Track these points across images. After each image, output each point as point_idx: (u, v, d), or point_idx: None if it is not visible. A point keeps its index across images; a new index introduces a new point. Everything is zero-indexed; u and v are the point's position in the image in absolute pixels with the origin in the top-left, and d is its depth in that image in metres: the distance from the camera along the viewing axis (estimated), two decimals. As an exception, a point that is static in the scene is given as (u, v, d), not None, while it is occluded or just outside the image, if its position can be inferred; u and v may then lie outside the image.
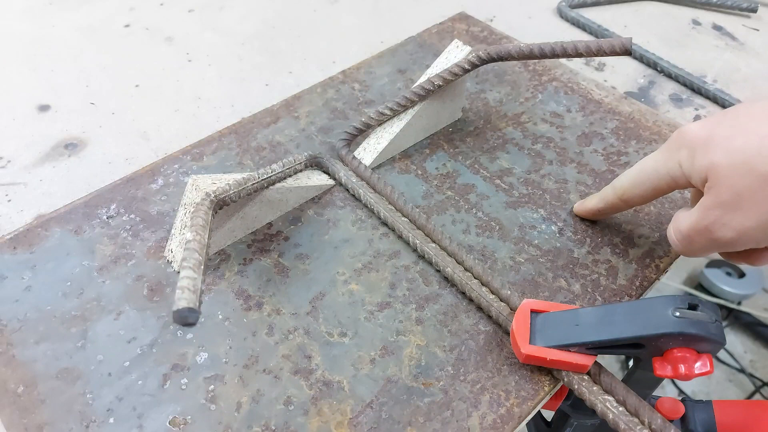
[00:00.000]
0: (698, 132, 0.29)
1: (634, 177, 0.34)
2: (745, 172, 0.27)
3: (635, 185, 0.34)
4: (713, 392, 1.17)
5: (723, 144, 0.28)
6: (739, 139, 0.28)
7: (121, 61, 0.52)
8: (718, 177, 0.28)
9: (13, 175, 0.41)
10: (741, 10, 0.62)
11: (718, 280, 1.25)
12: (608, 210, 0.37)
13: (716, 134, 0.29)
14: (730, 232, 0.28)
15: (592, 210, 0.38)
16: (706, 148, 0.29)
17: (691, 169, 0.30)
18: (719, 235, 0.29)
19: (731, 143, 0.28)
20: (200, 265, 0.27)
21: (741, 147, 0.27)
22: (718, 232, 0.29)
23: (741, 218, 0.28)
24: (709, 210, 0.29)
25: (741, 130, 0.28)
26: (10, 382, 0.30)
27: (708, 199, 0.29)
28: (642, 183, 0.33)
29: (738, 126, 0.28)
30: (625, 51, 0.34)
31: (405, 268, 0.36)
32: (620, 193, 0.35)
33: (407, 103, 0.40)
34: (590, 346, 0.29)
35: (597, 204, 0.37)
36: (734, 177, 0.27)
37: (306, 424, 0.29)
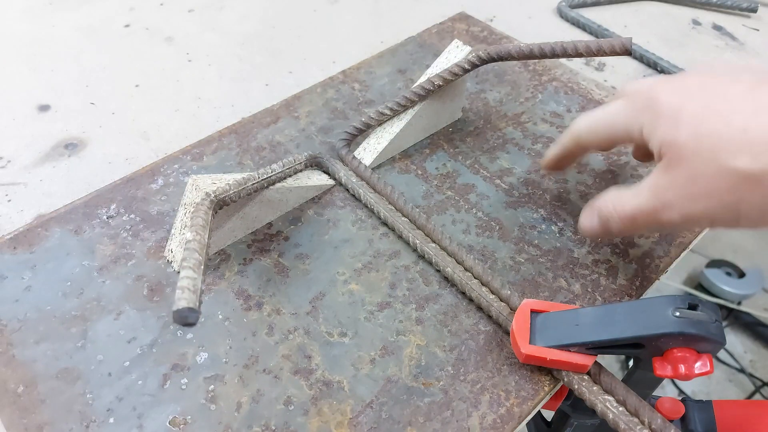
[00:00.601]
0: (668, 100, 0.28)
1: (592, 123, 0.33)
2: (707, 160, 0.26)
3: (591, 131, 0.33)
4: (713, 392, 1.17)
5: (692, 124, 0.27)
6: (710, 123, 0.26)
7: (121, 61, 0.52)
8: (679, 158, 0.27)
9: (13, 175, 0.41)
10: (741, 10, 0.62)
11: (718, 280, 1.25)
12: (567, 155, 0.36)
13: (686, 109, 0.27)
14: (677, 216, 0.28)
15: (552, 158, 0.37)
16: (674, 122, 0.27)
17: (652, 135, 0.28)
18: (665, 217, 0.28)
19: (701, 126, 0.26)
20: (200, 265, 0.27)
21: (710, 132, 0.26)
22: (665, 214, 0.28)
23: (690, 204, 0.27)
24: (662, 191, 0.28)
25: (713, 113, 0.27)
26: (10, 382, 0.30)
27: (662, 179, 0.28)
28: (598, 131, 0.32)
29: (711, 106, 0.27)
30: (625, 51, 0.34)
31: (405, 268, 0.36)
32: (576, 137, 0.34)
33: (407, 103, 0.40)
34: (590, 346, 0.29)
35: (556, 150, 0.36)
36: (695, 162, 0.26)
37: (306, 424, 0.29)
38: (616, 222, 0.31)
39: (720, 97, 0.27)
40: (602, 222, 0.31)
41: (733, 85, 0.27)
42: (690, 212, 0.27)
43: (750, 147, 0.25)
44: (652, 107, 0.29)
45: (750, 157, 0.25)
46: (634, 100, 0.30)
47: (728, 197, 0.26)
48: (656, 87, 0.29)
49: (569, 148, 0.35)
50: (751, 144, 0.25)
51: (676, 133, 0.27)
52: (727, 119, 0.26)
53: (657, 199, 0.28)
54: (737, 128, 0.26)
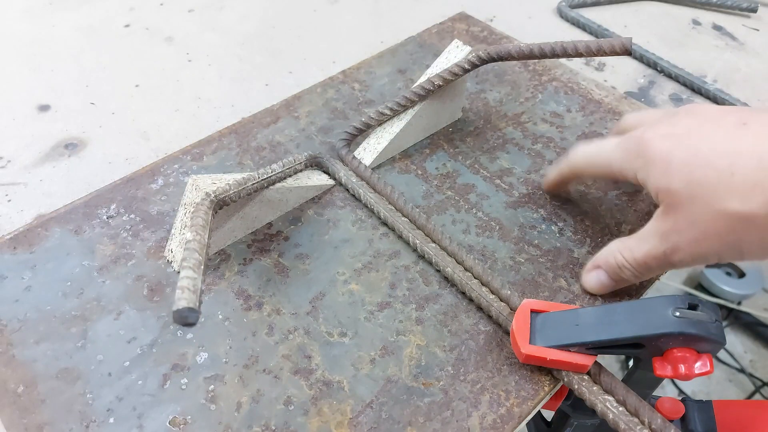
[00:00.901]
0: (659, 148, 0.30)
1: (589, 159, 0.34)
2: (702, 205, 0.28)
3: (588, 166, 0.35)
4: (713, 392, 1.17)
5: (682, 171, 0.28)
6: (698, 171, 0.28)
7: (121, 61, 0.52)
8: (676, 204, 0.29)
9: (13, 175, 0.41)
10: (741, 10, 0.62)
11: (718, 280, 1.25)
12: (564, 181, 0.38)
13: (676, 157, 0.29)
14: (687, 257, 0.29)
15: (551, 182, 0.39)
16: (665, 170, 0.29)
17: (646, 181, 0.30)
18: (676, 258, 0.30)
19: (691, 174, 0.28)
20: (200, 265, 0.27)
21: (699, 181, 0.28)
22: (675, 256, 0.30)
23: (696, 246, 0.29)
24: (666, 235, 0.30)
25: (699, 159, 0.28)
26: (10, 382, 0.30)
27: (665, 224, 0.30)
28: (594, 167, 0.34)
29: (698, 153, 0.28)
30: (625, 51, 0.34)
31: (405, 268, 0.36)
32: (573, 169, 0.36)
33: (407, 103, 0.40)
34: (590, 346, 0.29)
35: (554, 176, 0.38)
36: (692, 208, 0.28)
37: (306, 424, 0.29)
38: (630, 270, 0.32)
39: (706, 142, 0.29)
40: (613, 274, 0.33)
41: (718, 129, 0.29)
42: (698, 253, 0.29)
43: (738, 190, 0.27)
44: (643, 154, 0.30)
45: (739, 200, 0.27)
46: (628, 144, 0.32)
47: (728, 238, 0.28)
48: (648, 133, 0.31)
49: (566, 176, 0.37)
50: (738, 187, 0.27)
51: (669, 181, 0.29)
52: (714, 165, 0.28)
53: (665, 243, 0.30)
54: (725, 173, 0.27)
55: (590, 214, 0.39)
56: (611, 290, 0.34)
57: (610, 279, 0.33)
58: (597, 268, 0.34)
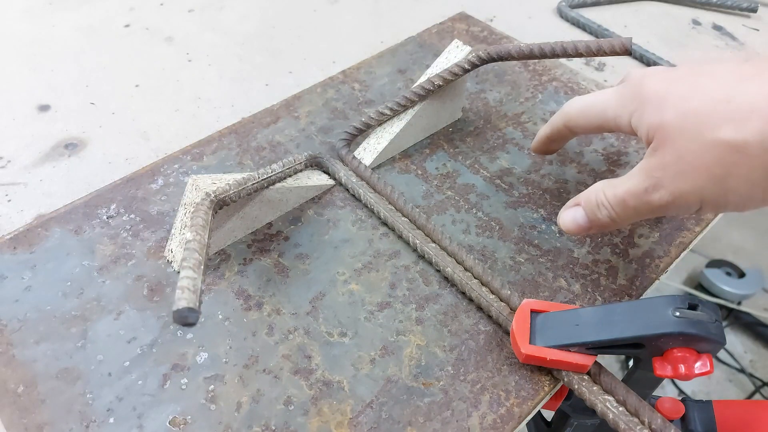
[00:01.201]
0: (656, 86, 0.28)
1: (583, 108, 0.33)
2: (693, 136, 0.26)
3: (582, 116, 0.33)
4: (713, 392, 1.17)
5: (677, 104, 0.27)
6: (694, 101, 0.26)
7: (121, 61, 0.52)
8: (666, 138, 0.27)
9: (13, 175, 0.41)
10: (741, 10, 0.62)
11: (718, 280, 1.25)
12: (556, 136, 0.36)
13: (672, 93, 0.28)
14: (667, 195, 0.28)
15: (542, 138, 0.37)
16: (660, 105, 0.28)
17: (639, 123, 0.29)
18: (655, 197, 0.28)
19: (685, 104, 0.27)
20: (200, 265, 0.27)
21: (694, 109, 0.26)
22: (654, 193, 0.28)
23: (679, 181, 0.27)
24: (651, 171, 0.28)
25: (698, 91, 0.27)
26: (10, 382, 0.30)
27: (652, 161, 0.28)
28: (588, 116, 0.33)
29: (696, 86, 0.27)
30: (625, 51, 0.34)
31: (405, 268, 0.36)
32: (566, 120, 0.34)
33: (407, 103, 0.40)
34: (590, 346, 0.29)
35: (545, 130, 0.37)
36: (681, 139, 0.27)
37: (306, 424, 0.29)
38: (607, 209, 0.30)
39: (706, 77, 0.27)
40: (590, 212, 0.31)
41: (720, 65, 0.28)
42: (679, 190, 0.27)
43: (733, 116, 0.25)
44: (639, 96, 0.29)
45: (733, 127, 0.25)
46: (624, 89, 0.30)
47: (716, 170, 0.26)
48: (645, 77, 0.29)
49: (559, 130, 0.35)
50: (734, 113, 0.25)
51: (662, 115, 0.27)
52: (711, 94, 0.26)
53: (648, 180, 0.28)
54: (720, 100, 0.26)
55: (590, 214, 0.39)
56: (585, 233, 0.32)
57: (587, 218, 0.31)
58: (576, 205, 0.32)
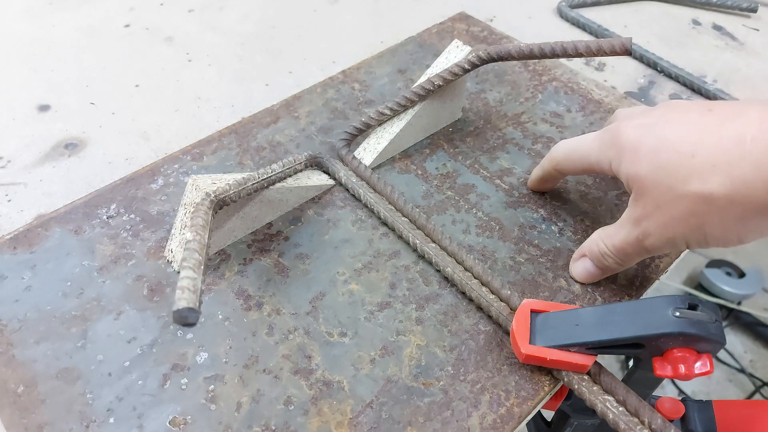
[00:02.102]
0: (630, 137, 0.30)
1: (568, 153, 0.35)
2: (666, 188, 0.28)
3: (568, 161, 0.35)
4: (713, 392, 1.17)
5: (649, 157, 0.29)
6: (663, 155, 0.29)
7: (121, 61, 0.52)
8: (644, 189, 0.29)
9: (13, 175, 0.41)
10: (741, 10, 0.62)
11: (718, 280, 1.25)
12: (547, 178, 0.38)
13: (644, 144, 0.30)
14: (658, 242, 0.30)
15: (536, 180, 0.39)
16: (634, 157, 0.30)
17: (618, 170, 0.31)
18: (648, 243, 0.30)
19: (656, 158, 0.29)
20: (200, 265, 0.27)
21: (663, 164, 0.28)
22: (647, 241, 0.30)
23: (663, 230, 0.29)
24: (638, 221, 0.30)
25: (666, 145, 0.29)
26: (10, 382, 0.30)
27: (636, 211, 0.30)
28: (574, 161, 0.35)
29: (663, 138, 0.29)
30: (625, 51, 0.34)
31: (405, 268, 0.36)
32: (554, 164, 0.36)
33: (407, 103, 0.40)
34: (590, 346, 0.29)
35: (537, 173, 0.39)
36: (657, 192, 0.29)
37: (306, 424, 0.29)
38: (612, 258, 0.33)
39: (672, 128, 0.29)
40: (597, 262, 0.34)
41: (685, 115, 0.30)
42: (666, 237, 0.30)
43: (698, 171, 0.27)
44: (616, 144, 0.31)
45: (699, 180, 0.27)
46: (603, 136, 0.33)
47: (691, 220, 0.28)
48: (622, 124, 0.31)
49: (549, 172, 0.37)
50: (698, 168, 0.27)
51: (637, 168, 0.30)
52: (678, 148, 0.28)
53: (637, 229, 0.30)
54: (686, 155, 0.28)
55: (590, 214, 0.39)
56: (598, 278, 0.35)
57: (596, 267, 0.34)
58: (583, 257, 0.35)
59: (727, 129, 0.27)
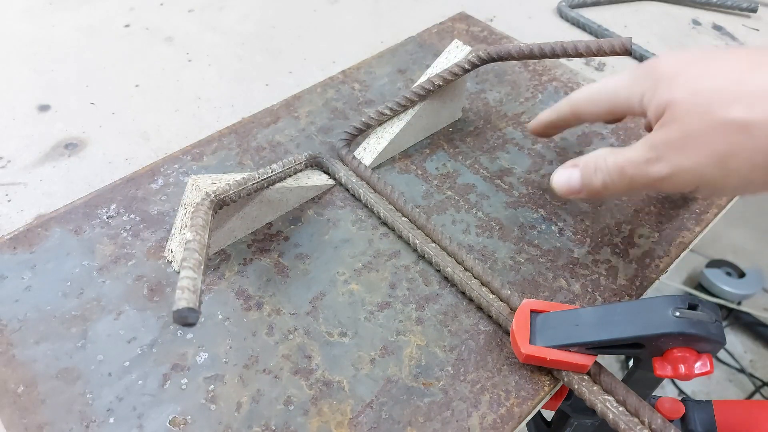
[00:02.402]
0: (670, 66, 0.29)
1: (592, 93, 0.33)
2: (702, 114, 0.27)
3: (591, 101, 0.33)
4: (713, 392, 1.17)
5: (690, 82, 0.28)
6: (707, 80, 0.27)
7: (121, 61, 0.52)
8: (675, 114, 0.28)
9: (13, 175, 0.41)
10: (741, 10, 0.62)
11: (718, 280, 1.25)
12: (559, 122, 0.36)
13: (686, 72, 0.28)
14: (666, 169, 0.28)
15: (544, 122, 0.37)
16: (672, 83, 0.28)
17: (650, 102, 0.29)
18: (654, 169, 0.28)
19: (698, 83, 0.27)
20: (200, 265, 0.27)
21: (706, 88, 0.27)
22: (654, 166, 0.28)
23: (681, 157, 0.27)
24: (654, 144, 0.28)
25: (712, 72, 0.27)
26: (10, 382, 0.30)
27: (657, 135, 0.28)
28: (598, 101, 0.33)
29: (710, 68, 0.28)
30: (625, 51, 0.34)
31: (405, 268, 0.36)
32: (574, 106, 0.34)
33: (407, 103, 0.40)
34: (590, 346, 0.29)
35: (550, 115, 0.36)
36: (690, 116, 0.27)
37: (306, 424, 0.29)
38: (603, 173, 0.30)
39: (720, 60, 0.28)
40: (585, 175, 0.31)
41: (732, 52, 0.29)
42: (680, 165, 0.27)
43: (744, 97, 0.26)
44: (653, 75, 0.29)
45: (744, 107, 0.26)
46: (638, 71, 0.31)
47: (719, 147, 0.26)
48: (659, 58, 0.30)
49: (564, 116, 0.35)
50: (745, 94, 0.26)
51: (673, 93, 0.28)
52: (725, 75, 0.27)
53: (649, 150, 0.28)
54: (733, 81, 0.26)
55: (590, 214, 0.39)
56: (575, 196, 0.32)
57: (581, 181, 0.31)
58: (574, 167, 0.32)
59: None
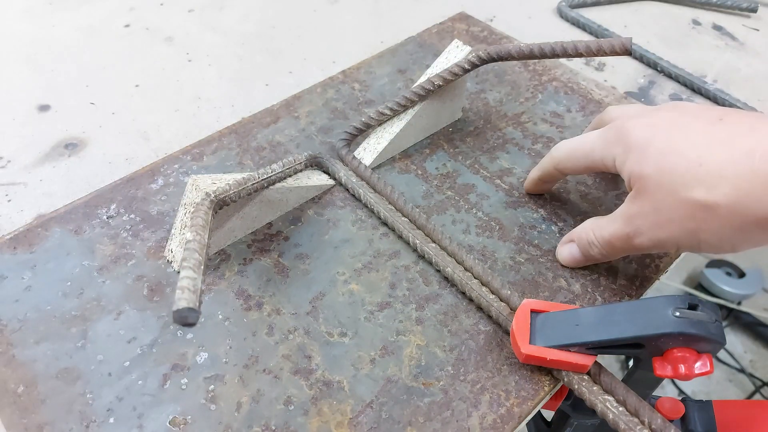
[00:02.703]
0: (639, 135, 0.30)
1: (570, 152, 0.35)
2: (669, 192, 0.29)
3: (570, 159, 0.35)
4: (713, 392, 1.17)
5: (656, 159, 0.29)
6: (670, 159, 0.29)
7: (121, 61, 0.52)
8: (645, 189, 0.30)
9: (13, 175, 0.41)
10: (741, 10, 0.62)
11: (718, 280, 1.25)
12: (547, 178, 0.38)
13: (653, 145, 0.30)
14: (647, 241, 0.30)
15: (533, 180, 0.39)
16: (641, 156, 0.30)
17: (623, 167, 0.31)
18: (637, 242, 0.31)
19: (663, 160, 0.29)
20: (200, 265, 0.27)
21: (670, 168, 0.29)
22: (636, 239, 0.31)
23: (657, 231, 0.30)
24: (632, 218, 0.31)
25: (674, 148, 0.29)
26: (10, 382, 0.30)
27: (632, 208, 0.31)
28: (576, 159, 0.35)
29: (673, 143, 0.29)
30: (625, 51, 0.34)
31: (405, 268, 0.36)
32: (555, 163, 0.36)
33: (407, 103, 0.40)
34: (590, 346, 0.29)
35: (536, 173, 0.38)
36: (658, 193, 0.29)
37: (306, 424, 0.29)
38: (598, 248, 0.33)
39: (682, 133, 0.29)
40: (583, 249, 0.34)
41: (695, 122, 0.30)
42: (657, 237, 0.30)
43: (704, 180, 0.28)
44: (623, 141, 0.31)
45: (705, 189, 0.28)
46: (609, 133, 0.32)
47: (688, 225, 0.29)
48: (629, 122, 0.31)
49: (549, 172, 0.37)
50: (705, 177, 0.28)
51: (642, 167, 0.30)
52: (686, 154, 0.29)
53: (629, 225, 0.31)
54: (694, 162, 0.28)
55: (590, 214, 0.39)
56: (582, 265, 0.36)
57: (581, 254, 0.35)
58: (571, 241, 0.35)
59: (738, 142, 0.28)
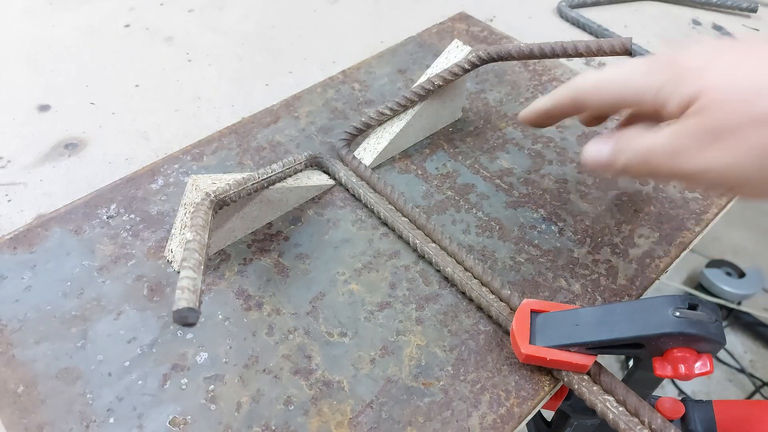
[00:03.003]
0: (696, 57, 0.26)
1: (599, 82, 0.30)
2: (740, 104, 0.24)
3: (598, 90, 0.30)
4: (713, 392, 1.17)
5: (726, 71, 0.25)
6: (745, 70, 0.24)
7: (121, 61, 0.52)
8: (708, 104, 0.24)
9: (13, 175, 0.41)
10: (741, 10, 0.62)
11: (718, 280, 1.25)
12: (556, 111, 0.33)
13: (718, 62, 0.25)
14: (697, 164, 0.25)
15: (539, 110, 0.33)
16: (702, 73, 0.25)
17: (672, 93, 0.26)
18: (680, 163, 0.26)
19: (734, 72, 0.24)
20: (200, 265, 0.27)
21: (744, 78, 0.24)
22: (681, 159, 0.25)
23: (715, 152, 0.24)
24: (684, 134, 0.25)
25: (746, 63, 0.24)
26: (10, 382, 0.30)
27: (688, 124, 0.25)
28: (607, 90, 0.29)
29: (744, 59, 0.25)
30: (625, 51, 0.34)
31: (405, 268, 0.36)
32: (577, 93, 0.31)
33: (407, 103, 0.40)
34: (590, 346, 0.29)
35: (546, 103, 0.33)
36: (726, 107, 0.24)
37: (306, 424, 0.29)
38: (628, 155, 0.28)
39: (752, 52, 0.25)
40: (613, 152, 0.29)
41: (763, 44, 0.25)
42: (713, 161, 0.25)
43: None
44: (675, 65, 0.26)
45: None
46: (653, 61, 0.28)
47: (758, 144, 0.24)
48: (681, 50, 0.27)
49: (563, 104, 0.32)
50: None
51: (705, 81, 0.25)
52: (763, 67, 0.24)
53: (677, 140, 0.25)
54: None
55: (590, 214, 0.39)
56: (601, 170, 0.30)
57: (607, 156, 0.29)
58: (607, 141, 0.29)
59: None
